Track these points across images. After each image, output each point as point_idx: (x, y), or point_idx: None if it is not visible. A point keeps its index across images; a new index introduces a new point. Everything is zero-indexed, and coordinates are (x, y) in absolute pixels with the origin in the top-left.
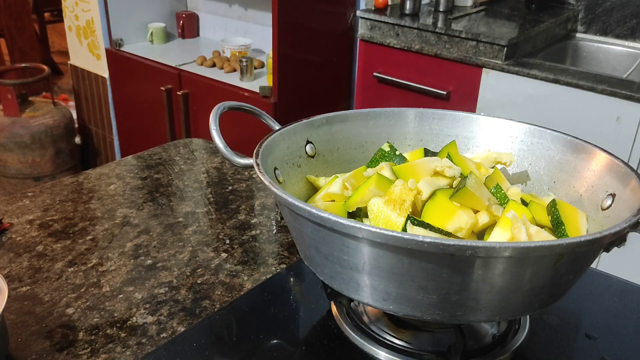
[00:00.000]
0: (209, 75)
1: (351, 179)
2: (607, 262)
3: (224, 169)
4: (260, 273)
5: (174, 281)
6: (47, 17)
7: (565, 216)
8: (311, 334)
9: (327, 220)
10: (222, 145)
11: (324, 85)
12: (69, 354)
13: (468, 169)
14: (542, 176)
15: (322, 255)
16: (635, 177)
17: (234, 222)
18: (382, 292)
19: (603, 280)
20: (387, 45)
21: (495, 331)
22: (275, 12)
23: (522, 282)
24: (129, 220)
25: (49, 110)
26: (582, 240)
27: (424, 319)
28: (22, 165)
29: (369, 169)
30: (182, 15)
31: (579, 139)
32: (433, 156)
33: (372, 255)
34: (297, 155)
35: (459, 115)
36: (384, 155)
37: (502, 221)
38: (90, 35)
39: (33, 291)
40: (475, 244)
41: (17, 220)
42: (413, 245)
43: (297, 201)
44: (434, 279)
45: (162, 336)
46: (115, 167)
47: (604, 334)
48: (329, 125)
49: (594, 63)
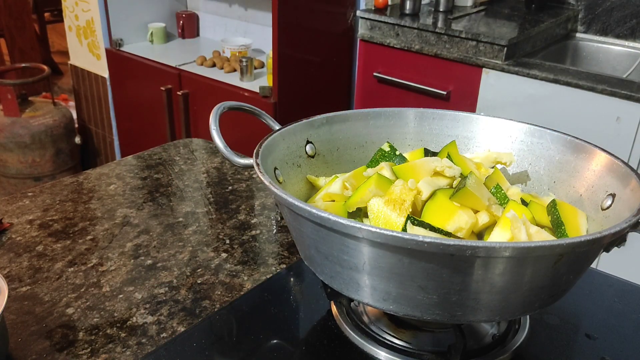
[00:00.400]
0: (209, 75)
1: (351, 179)
2: (607, 262)
3: (224, 169)
4: (260, 273)
5: (174, 281)
6: (47, 17)
7: (565, 216)
8: (311, 334)
9: (327, 220)
10: (222, 145)
11: (324, 85)
12: (69, 354)
13: (468, 169)
14: (542, 176)
15: (322, 255)
16: (635, 177)
17: (234, 222)
18: (382, 292)
19: (603, 280)
20: (387, 45)
21: (495, 331)
22: (275, 12)
23: (522, 282)
24: (129, 220)
25: (49, 110)
26: (582, 240)
27: (424, 319)
28: (22, 165)
29: (369, 169)
30: (182, 15)
31: (579, 139)
32: (433, 156)
33: (372, 255)
34: (297, 155)
35: (459, 115)
36: (384, 155)
37: (502, 221)
38: (90, 35)
39: (33, 291)
40: (475, 244)
41: (17, 220)
42: (413, 245)
43: (297, 201)
44: (434, 279)
45: (162, 336)
46: (115, 167)
47: (604, 334)
48: (329, 125)
49: (594, 63)
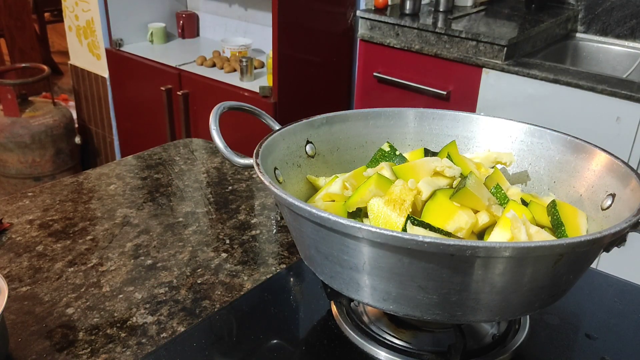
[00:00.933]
0: (209, 75)
1: (351, 179)
2: (607, 262)
3: (224, 169)
4: (260, 273)
5: (174, 281)
6: (47, 17)
7: (565, 217)
8: (311, 334)
9: (327, 220)
10: (222, 145)
11: (324, 85)
12: (69, 354)
13: (468, 169)
14: (542, 176)
15: (322, 255)
16: (635, 177)
17: (234, 222)
18: (382, 292)
19: (603, 280)
20: (387, 45)
21: (496, 331)
22: (275, 12)
23: (522, 282)
24: (129, 220)
25: (49, 110)
26: (582, 240)
27: (424, 318)
28: (22, 165)
29: (369, 169)
30: (182, 15)
31: (579, 139)
32: (433, 156)
33: (372, 255)
34: (297, 155)
35: (459, 115)
36: (384, 155)
37: (502, 221)
38: (90, 35)
39: (33, 291)
40: (475, 244)
41: (17, 220)
42: (413, 245)
43: (297, 201)
44: (434, 279)
45: (162, 336)
46: (115, 167)
47: (604, 334)
48: (328, 125)
49: (594, 63)
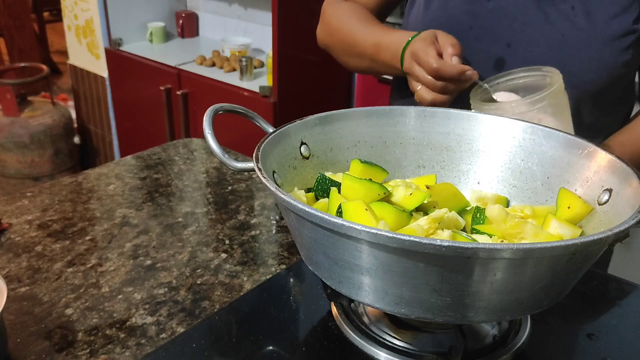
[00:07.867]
0: (209, 75)
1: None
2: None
3: (224, 169)
4: (260, 274)
5: (174, 282)
6: (46, 17)
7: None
8: (311, 334)
9: (341, 226)
10: (218, 150)
11: (324, 85)
12: (68, 355)
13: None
14: (535, 172)
15: (331, 261)
16: (632, 173)
17: (234, 223)
18: (394, 296)
19: (603, 280)
20: None
21: (496, 332)
22: (275, 12)
23: (535, 281)
24: (128, 220)
25: (48, 110)
26: (594, 239)
27: (436, 321)
28: (21, 165)
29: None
30: (181, 14)
31: (572, 135)
32: None
33: (386, 260)
34: (293, 157)
35: (451, 112)
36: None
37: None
38: (89, 34)
39: (32, 291)
40: (494, 246)
41: (16, 220)
42: (430, 249)
43: (307, 207)
44: (448, 282)
45: (162, 337)
46: (114, 167)
47: (605, 334)
48: (322, 126)
49: None
